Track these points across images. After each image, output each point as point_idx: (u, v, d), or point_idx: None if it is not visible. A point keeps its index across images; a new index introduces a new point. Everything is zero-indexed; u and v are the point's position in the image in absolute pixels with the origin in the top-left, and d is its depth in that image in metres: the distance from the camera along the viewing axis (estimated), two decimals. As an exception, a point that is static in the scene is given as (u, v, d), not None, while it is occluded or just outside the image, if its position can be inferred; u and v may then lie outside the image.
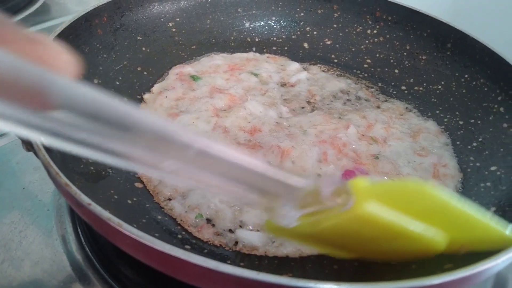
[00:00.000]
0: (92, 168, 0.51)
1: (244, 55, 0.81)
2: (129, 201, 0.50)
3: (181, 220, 0.50)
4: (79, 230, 0.53)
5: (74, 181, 0.40)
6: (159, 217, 0.50)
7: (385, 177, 0.57)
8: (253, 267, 0.43)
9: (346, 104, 0.72)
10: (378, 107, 0.72)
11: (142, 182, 0.54)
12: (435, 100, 0.72)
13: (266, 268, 0.46)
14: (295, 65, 0.80)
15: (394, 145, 0.63)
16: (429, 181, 0.58)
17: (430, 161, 0.61)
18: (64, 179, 0.38)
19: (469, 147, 0.63)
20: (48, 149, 0.44)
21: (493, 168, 0.57)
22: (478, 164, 0.59)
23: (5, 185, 0.58)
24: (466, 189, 0.57)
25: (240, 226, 0.50)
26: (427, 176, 0.58)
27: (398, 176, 0.58)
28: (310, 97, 0.73)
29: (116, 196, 0.49)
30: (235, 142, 0.61)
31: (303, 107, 0.71)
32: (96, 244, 0.52)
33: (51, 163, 0.39)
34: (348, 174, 0.57)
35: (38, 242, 0.52)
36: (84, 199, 0.36)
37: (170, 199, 0.52)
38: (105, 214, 0.35)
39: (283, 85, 0.75)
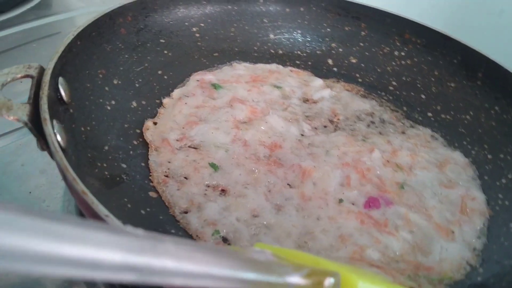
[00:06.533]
0: (106, 173, 0.49)
1: (267, 66, 0.79)
2: (143, 211, 0.47)
3: (197, 236, 0.47)
4: None
5: (89, 186, 0.37)
6: (173, 231, 0.47)
7: (407, 212, 0.54)
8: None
9: (370, 126, 0.69)
10: (403, 132, 0.69)
11: (157, 192, 0.52)
12: (463, 130, 0.69)
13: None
14: (318, 81, 0.77)
15: (420, 174, 0.60)
16: (457, 217, 0.55)
17: (458, 193, 0.58)
18: (81, 186, 0.35)
19: (497, 183, 0.60)
20: (64, 150, 0.42)
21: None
22: (507, 203, 0.57)
23: (9, 189, 0.54)
24: (494, 228, 0.54)
25: (258, 249, 0.47)
26: (454, 210, 0.55)
27: (423, 209, 0.55)
28: (333, 116, 0.70)
29: (129, 205, 0.46)
30: (255, 157, 0.58)
31: (325, 126, 0.68)
32: None
33: (68, 167, 0.36)
34: (372, 202, 0.54)
35: None
36: (102, 210, 0.34)
37: (186, 212, 0.50)
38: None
39: (305, 101, 0.73)
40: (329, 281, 0.28)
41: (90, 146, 0.50)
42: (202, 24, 0.77)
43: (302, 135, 0.65)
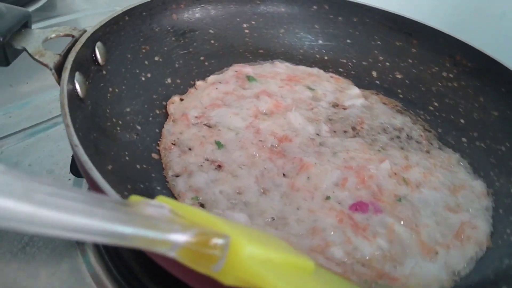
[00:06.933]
0: (118, 129, 0.55)
1: (308, 69, 0.81)
2: (138, 166, 0.53)
3: (178, 195, 0.51)
4: None
5: (86, 133, 0.44)
6: (158, 187, 0.52)
7: (394, 223, 0.53)
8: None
9: (393, 140, 0.68)
10: (428, 152, 0.67)
11: (159, 155, 0.57)
12: (494, 160, 0.65)
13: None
14: (355, 90, 0.77)
15: (426, 193, 0.58)
16: (447, 240, 0.52)
17: (460, 218, 0.55)
18: (68, 119, 0.41)
19: (511, 218, 0.55)
20: (82, 99, 0.49)
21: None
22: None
23: None
24: (487, 261, 0.50)
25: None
26: (447, 233, 0.53)
27: (414, 224, 0.53)
28: (358, 124, 0.70)
29: (127, 158, 0.52)
30: (261, 144, 0.61)
31: (345, 131, 0.68)
32: (117, 254, 0.49)
33: (66, 104, 0.43)
34: (360, 205, 0.54)
35: (54, 250, 0.50)
36: (74, 140, 0.39)
37: (177, 176, 0.54)
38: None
39: (334, 105, 0.73)
40: (215, 241, 0.28)
41: (112, 105, 0.57)
42: (253, 22, 0.82)
43: (317, 134, 0.66)
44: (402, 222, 0.53)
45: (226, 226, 0.30)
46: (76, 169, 0.57)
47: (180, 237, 0.28)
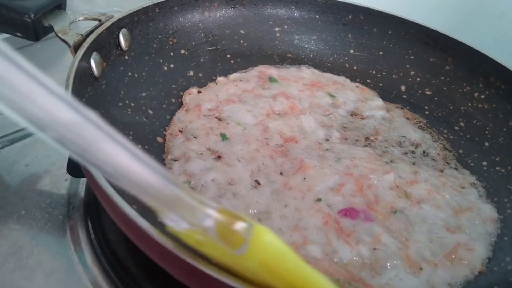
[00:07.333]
0: (129, 110, 0.59)
1: (334, 77, 0.81)
2: (139, 146, 0.56)
3: (170, 178, 0.54)
4: (93, 239, 0.51)
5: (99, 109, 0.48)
6: (154, 168, 0.54)
7: (383, 233, 0.51)
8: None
9: (407, 155, 0.66)
10: (441, 170, 0.64)
11: (164, 139, 0.60)
12: (511, 187, 0.61)
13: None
14: (378, 102, 0.76)
15: (427, 209, 0.56)
16: (437, 259, 0.49)
17: (456, 239, 0.52)
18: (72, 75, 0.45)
19: (515, 247, 0.52)
20: (96, 78, 0.53)
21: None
22: (509, 267, 0.49)
23: (13, 189, 0.55)
24: (475, 285, 0.47)
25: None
26: (438, 252, 0.50)
27: (403, 238, 0.51)
28: (372, 134, 0.69)
29: (131, 137, 0.55)
30: (266, 141, 0.62)
31: (357, 140, 0.67)
32: (113, 255, 0.49)
33: (73, 73, 0.47)
34: (350, 212, 0.53)
35: (50, 250, 0.49)
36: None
37: (175, 160, 0.57)
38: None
39: (353, 114, 0.73)
40: (240, 224, 0.31)
41: (128, 88, 0.61)
42: (286, 26, 0.84)
43: (327, 140, 0.66)
44: (390, 234, 0.51)
45: (247, 217, 0.33)
46: (73, 169, 0.57)
47: (213, 212, 0.31)
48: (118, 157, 0.28)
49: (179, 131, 0.62)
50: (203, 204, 0.32)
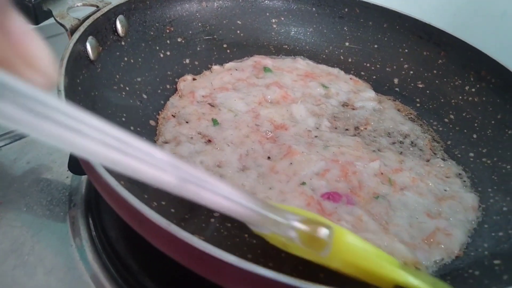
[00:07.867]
0: (124, 93, 0.61)
1: (329, 69, 0.82)
2: (132, 128, 0.58)
3: (159, 160, 0.56)
4: (94, 236, 0.52)
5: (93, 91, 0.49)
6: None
7: (363, 214, 0.52)
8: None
9: (394, 144, 0.67)
10: (427, 160, 0.65)
11: (157, 122, 0.62)
12: (496, 178, 0.62)
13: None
14: (370, 94, 0.77)
15: (409, 196, 0.57)
16: (415, 242, 0.51)
17: (436, 224, 0.53)
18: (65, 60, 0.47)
19: (493, 234, 0.53)
20: (92, 61, 0.55)
21: (496, 262, 0.48)
22: (486, 253, 0.50)
23: (14, 186, 0.55)
24: (451, 267, 0.48)
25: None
26: (417, 236, 0.51)
27: (384, 221, 0.53)
28: (362, 124, 0.70)
29: (124, 119, 0.58)
30: (256, 127, 0.64)
31: (347, 129, 0.69)
32: (114, 252, 0.50)
33: (67, 54, 0.49)
34: (333, 195, 0.55)
35: (51, 247, 0.50)
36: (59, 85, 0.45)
37: (166, 143, 0.59)
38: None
39: (344, 105, 0.74)
40: (323, 231, 0.35)
41: (124, 72, 0.63)
42: (283, 18, 0.85)
43: (316, 128, 0.67)
44: (371, 217, 0.53)
45: (327, 221, 0.38)
46: (74, 166, 0.57)
47: (298, 224, 0.36)
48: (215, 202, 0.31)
49: (172, 115, 0.64)
50: (287, 218, 0.36)
